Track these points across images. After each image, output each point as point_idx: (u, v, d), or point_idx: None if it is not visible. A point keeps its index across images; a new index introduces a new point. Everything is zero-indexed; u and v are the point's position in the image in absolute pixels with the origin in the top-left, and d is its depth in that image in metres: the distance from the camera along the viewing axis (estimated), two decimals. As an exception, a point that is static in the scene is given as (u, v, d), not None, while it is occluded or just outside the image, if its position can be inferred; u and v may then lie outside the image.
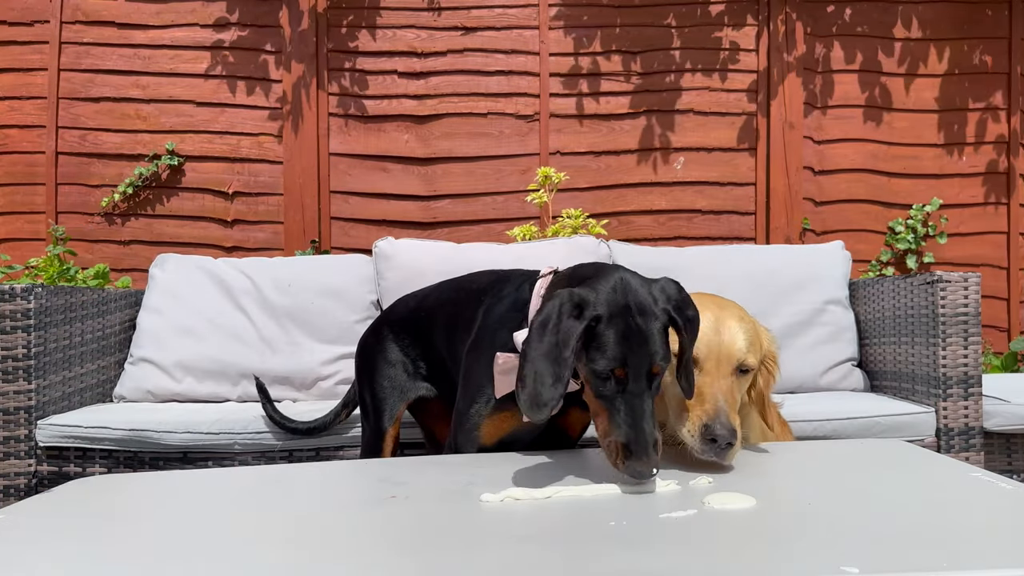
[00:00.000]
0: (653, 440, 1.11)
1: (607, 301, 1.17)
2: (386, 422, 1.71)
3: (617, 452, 1.12)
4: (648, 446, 1.10)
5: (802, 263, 2.76)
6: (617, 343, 1.14)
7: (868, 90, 3.81)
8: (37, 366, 2.16)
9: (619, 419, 1.13)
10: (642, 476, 1.09)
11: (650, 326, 1.16)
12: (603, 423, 1.16)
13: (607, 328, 1.15)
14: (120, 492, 1.28)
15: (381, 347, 1.78)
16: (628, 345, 1.14)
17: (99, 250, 3.75)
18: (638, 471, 1.09)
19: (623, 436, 1.11)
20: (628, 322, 1.15)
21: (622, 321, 1.15)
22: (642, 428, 1.11)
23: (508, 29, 3.82)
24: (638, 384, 1.13)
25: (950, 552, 0.84)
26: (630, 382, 1.13)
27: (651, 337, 1.15)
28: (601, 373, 1.14)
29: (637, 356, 1.13)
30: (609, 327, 1.15)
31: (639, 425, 1.11)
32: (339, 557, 0.89)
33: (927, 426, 2.17)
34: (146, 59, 3.78)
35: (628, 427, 1.12)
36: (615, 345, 1.14)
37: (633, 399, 1.13)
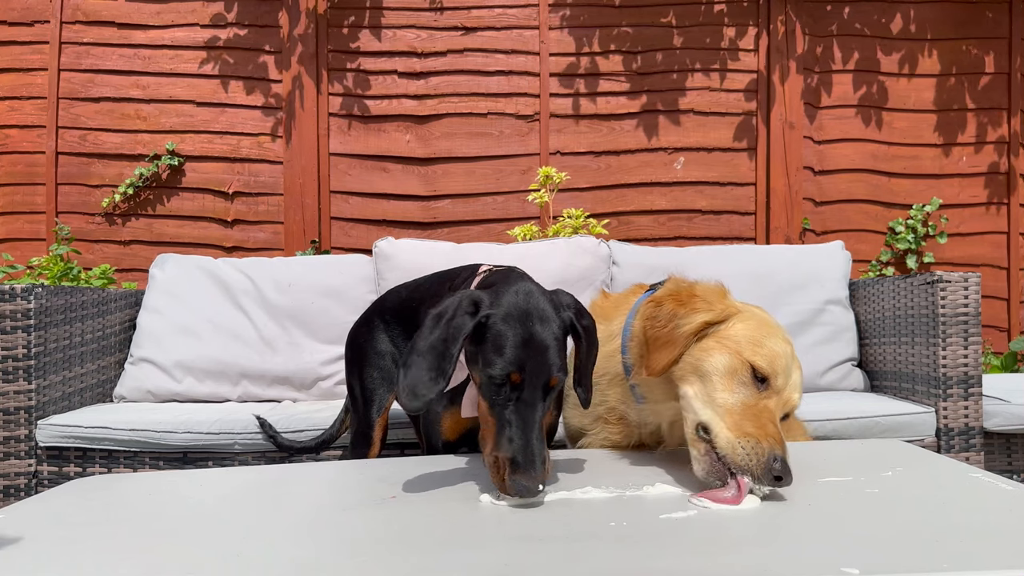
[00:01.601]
0: (542, 456, 1.07)
1: (506, 304, 1.15)
2: (375, 412, 1.72)
3: (502, 467, 1.07)
4: (536, 461, 1.05)
5: (802, 263, 2.76)
6: (515, 347, 1.11)
7: (868, 90, 3.81)
8: (37, 366, 2.16)
9: (509, 432, 1.08)
10: (528, 492, 1.04)
11: (549, 335, 1.13)
12: (491, 435, 1.11)
13: (505, 331, 1.12)
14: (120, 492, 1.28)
15: (371, 337, 1.79)
16: (526, 351, 1.11)
17: (99, 250, 3.75)
18: (524, 486, 1.04)
19: (510, 450, 1.07)
20: (527, 328, 1.12)
21: (521, 326, 1.12)
22: (531, 442, 1.07)
23: (508, 29, 3.82)
24: (533, 393, 1.10)
25: (950, 552, 0.84)
26: (525, 390, 1.09)
27: (550, 347, 1.12)
28: (496, 378, 1.10)
29: (535, 363, 1.10)
30: (507, 330, 1.12)
31: (528, 438, 1.07)
32: (339, 557, 0.89)
33: (927, 426, 2.17)
34: (146, 59, 3.78)
35: (518, 440, 1.07)
36: (512, 348, 1.10)
37: (525, 409, 1.09)
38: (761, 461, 1.04)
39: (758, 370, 1.15)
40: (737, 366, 1.16)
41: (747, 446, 1.06)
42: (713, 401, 1.14)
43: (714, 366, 1.17)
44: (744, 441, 1.07)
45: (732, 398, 1.14)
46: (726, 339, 1.19)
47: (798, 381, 1.20)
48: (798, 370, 1.22)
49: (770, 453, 1.04)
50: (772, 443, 1.06)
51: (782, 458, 1.04)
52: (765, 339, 1.19)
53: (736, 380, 1.15)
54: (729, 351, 1.17)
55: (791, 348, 1.22)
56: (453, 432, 1.47)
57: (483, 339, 1.13)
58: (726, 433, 1.09)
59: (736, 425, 1.10)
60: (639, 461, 1.33)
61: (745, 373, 1.15)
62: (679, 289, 1.30)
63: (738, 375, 1.15)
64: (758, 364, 1.15)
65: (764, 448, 1.05)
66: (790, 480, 1.05)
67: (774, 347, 1.18)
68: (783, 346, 1.20)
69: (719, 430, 1.10)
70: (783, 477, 1.04)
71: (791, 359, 1.20)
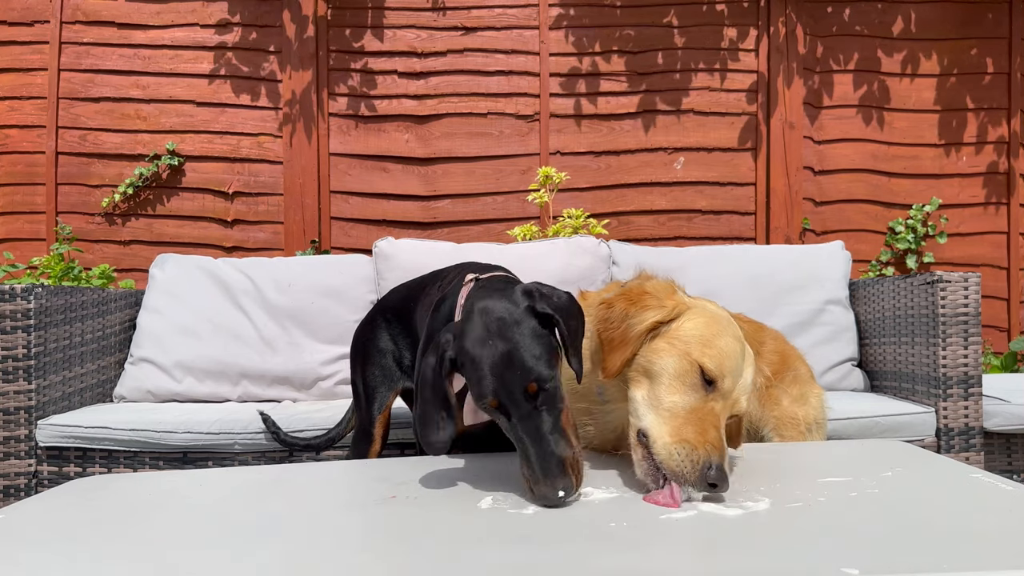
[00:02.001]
0: (557, 460, 1.05)
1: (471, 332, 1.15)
2: (375, 410, 1.73)
3: (528, 478, 1.08)
4: (551, 468, 1.05)
5: (802, 263, 2.76)
6: (484, 375, 1.10)
7: (868, 90, 3.81)
8: (37, 366, 2.16)
9: (522, 446, 1.09)
10: (548, 500, 1.04)
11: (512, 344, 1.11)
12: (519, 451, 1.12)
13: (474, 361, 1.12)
14: (120, 492, 1.28)
15: (374, 336, 1.79)
16: (494, 373, 1.10)
17: (99, 250, 3.75)
18: (545, 496, 1.03)
19: (527, 465, 1.08)
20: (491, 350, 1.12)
21: (485, 351, 1.12)
22: (542, 451, 1.06)
23: (508, 29, 3.82)
24: (519, 408, 1.09)
25: (950, 552, 0.84)
26: (510, 408, 1.09)
27: (516, 356, 1.10)
28: (486, 410, 1.12)
29: (507, 382, 1.09)
30: (474, 362, 1.12)
31: (537, 448, 1.07)
32: (339, 557, 0.89)
33: (927, 426, 2.17)
34: (146, 59, 3.78)
35: (532, 452, 1.07)
36: (482, 378, 1.10)
37: (524, 423, 1.09)
38: (696, 468, 1.04)
39: (706, 372, 1.13)
40: (686, 368, 1.14)
41: (682, 452, 1.06)
42: (660, 405, 1.13)
43: (664, 368, 1.15)
44: (680, 448, 1.06)
45: (679, 401, 1.12)
46: (676, 339, 1.17)
47: (748, 382, 1.18)
48: (750, 368, 1.20)
49: (705, 460, 1.04)
50: (709, 450, 1.06)
51: (718, 465, 1.04)
52: (715, 338, 1.17)
53: (685, 383, 1.13)
54: (679, 352, 1.15)
55: (742, 346, 1.20)
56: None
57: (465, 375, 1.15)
58: (664, 439, 1.09)
59: (676, 431, 1.09)
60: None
61: (694, 375, 1.13)
62: (630, 288, 1.29)
63: (687, 378, 1.14)
64: (706, 366, 1.13)
65: (700, 455, 1.05)
66: (725, 487, 1.04)
67: (724, 346, 1.16)
68: (733, 345, 1.17)
69: (657, 436, 1.10)
70: (718, 484, 1.03)
71: (741, 359, 1.17)
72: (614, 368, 1.19)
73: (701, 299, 1.29)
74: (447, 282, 1.60)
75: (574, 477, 1.06)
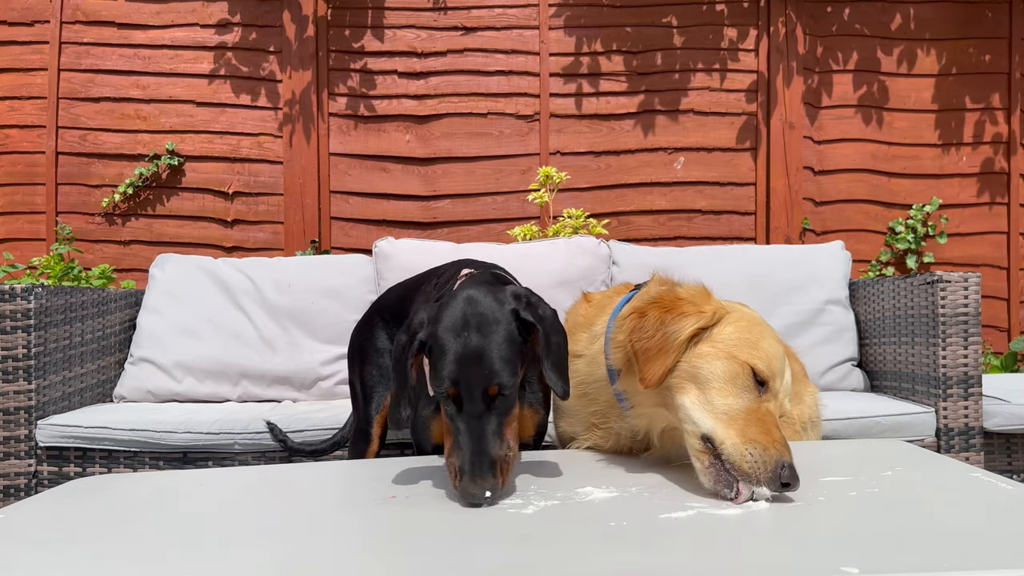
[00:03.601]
0: (490, 461, 1.08)
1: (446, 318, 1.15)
2: (373, 410, 1.74)
3: (455, 474, 1.09)
4: (483, 467, 1.07)
5: (802, 263, 2.76)
6: (450, 363, 1.11)
7: (868, 90, 3.81)
8: (37, 366, 2.16)
9: (459, 440, 1.11)
10: (474, 498, 1.05)
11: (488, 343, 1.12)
12: (448, 443, 1.14)
13: (442, 346, 1.13)
14: (120, 492, 1.28)
15: (371, 336, 1.80)
16: (461, 366, 1.11)
17: (99, 250, 3.75)
18: (470, 492, 1.05)
19: (458, 458, 1.09)
20: (463, 340, 1.12)
21: (456, 339, 1.12)
22: (478, 449, 1.08)
23: (508, 29, 3.82)
24: (474, 404, 1.10)
25: (950, 552, 0.84)
26: (465, 402, 1.10)
27: (487, 356, 1.11)
28: (440, 393, 1.13)
29: (471, 376, 1.10)
30: (444, 346, 1.12)
31: (475, 446, 1.08)
32: (339, 557, 0.89)
33: (927, 426, 2.17)
34: (146, 59, 3.78)
35: (465, 448, 1.09)
36: (447, 366, 1.11)
37: (470, 420, 1.10)
38: (769, 468, 1.04)
39: (758, 373, 1.13)
40: (737, 371, 1.13)
41: (755, 453, 1.05)
42: (715, 409, 1.11)
43: (713, 372, 1.14)
44: (752, 448, 1.05)
45: (735, 404, 1.11)
46: (720, 343, 1.17)
47: (789, 383, 1.19)
48: (788, 370, 1.21)
49: (778, 460, 1.04)
50: (780, 449, 1.06)
51: (789, 464, 1.04)
52: (760, 340, 1.17)
53: (737, 385, 1.13)
54: (726, 355, 1.15)
55: (782, 347, 1.21)
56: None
57: (430, 357, 1.16)
58: (733, 440, 1.07)
59: (742, 432, 1.08)
60: (639, 462, 1.33)
61: (747, 378, 1.13)
62: (661, 296, 1.27)
63: (739, 380, 1.13)
64: (758, 367, 1.13)
65: (772, 455, 1.05)
66: (797, 485, 1.04)
67: (769, 348, 1.17)
68: (777, 346, 1.18)
69: (725, 438, 1.08)
70: (791, 483, 1.03)
71: (784, 359, 1.19)
72: (654, 378, 1.17)
73: (735, 302, 1.30)
74: (444, 280, 1.60)
75: (501, 479, 1.08)
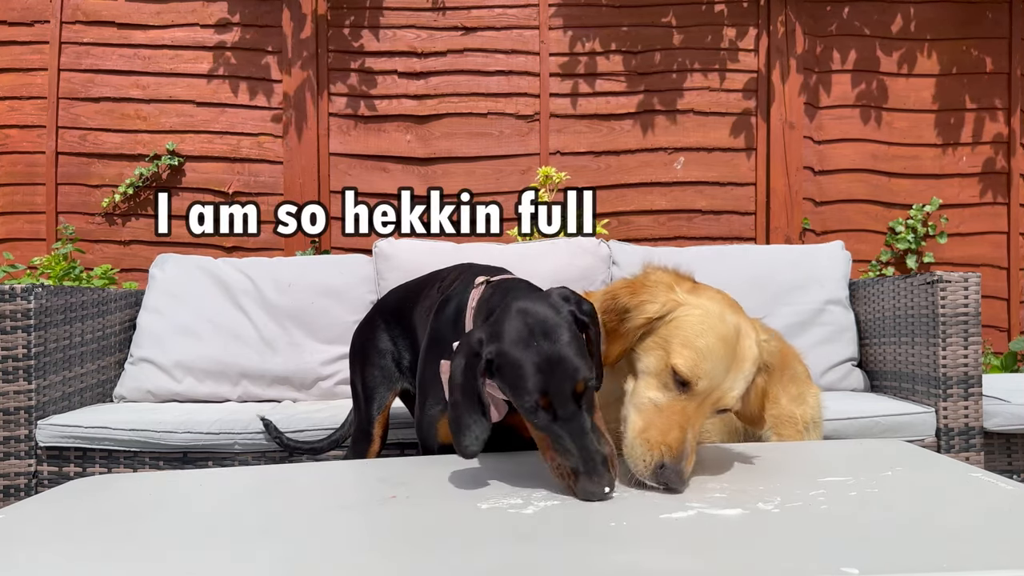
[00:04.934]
0: (601, 458, 1.08)
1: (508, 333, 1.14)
2: (374, 410, 1.73)
3: (568, 475, 1.09)
4: (597, 465, 1.07)
5: (802, 263, 2.76)
6: (532, 375, 1.10)
7: (868, 90, 3.81)
8: (37, 366, 2.16)
9: (563, 444, 1.10)
10: (595, 497, 1.06)
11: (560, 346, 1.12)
12: (547, 450, 1.14)
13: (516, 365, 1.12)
14: (120, 492, 1.28)
15: (373, 336, 1.80)
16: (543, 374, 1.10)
17: (99, 250, 3.75)
18: (591, 492, 1.06)
19: (571, 461, 1.09)
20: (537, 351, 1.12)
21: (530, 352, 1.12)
22: (586, 448, 1.08)
23: (508, 29, 3.82)
24: (566, 408, 1.10)
25: (950, 552, 0.84)
26: (558, 408, 1.10)
27: (565, 357, 1.11)
28: (528, 408, 1.11)
29: (557, 381, 1.10)
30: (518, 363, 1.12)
31: (582, 446, 1.08)
32: (339, 557, 0.89)
33: (927, 426, 2.17)
34: (146, 59, 3.78)
35: (574, 450, 1.08)
36: (530, 378, 1.10)
37: (567, 423, 1.10)
38: (648, 466, 1.11)
39: (678, 373, 1.16)
40: (661, 367, 1.18)
41: (640, 450, 1.13)
42: (636, 401, 1.19)
43: (645, 365, 1.20)
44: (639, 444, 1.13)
45: (653, 399, 1.17)
46: (662, 337, 1.20)
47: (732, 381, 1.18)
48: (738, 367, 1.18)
49: (658, 460, 1.10)
50: (664, 451, 1.11)
51: (671, 466, 1.10)
52: (697, 338, 1.17)
53: (660, 381, 1.18)
54: (659, 351, 1.19)
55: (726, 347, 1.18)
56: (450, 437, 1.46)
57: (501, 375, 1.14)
58: (631, 434, 1.16)
59: (642, 429, 1.15)
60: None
61: (667, 375, 1.17)
62: (634, 280, 1.31)
63: (661, 376, 1.18)
64: (678, 367, 1.16)
65: (654, 455, 1.11)
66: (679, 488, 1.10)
67: (703, 347, 1.16)
68: (715, 346, 1.17)
69: (627, 430, 1.17)
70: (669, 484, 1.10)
71: (721, 359, 1.17)
72: (611, 358, 1.24)
73: (709, 291, 1.29)
74: (448, 283, 1.59)
75: (614, 472, 1.10)
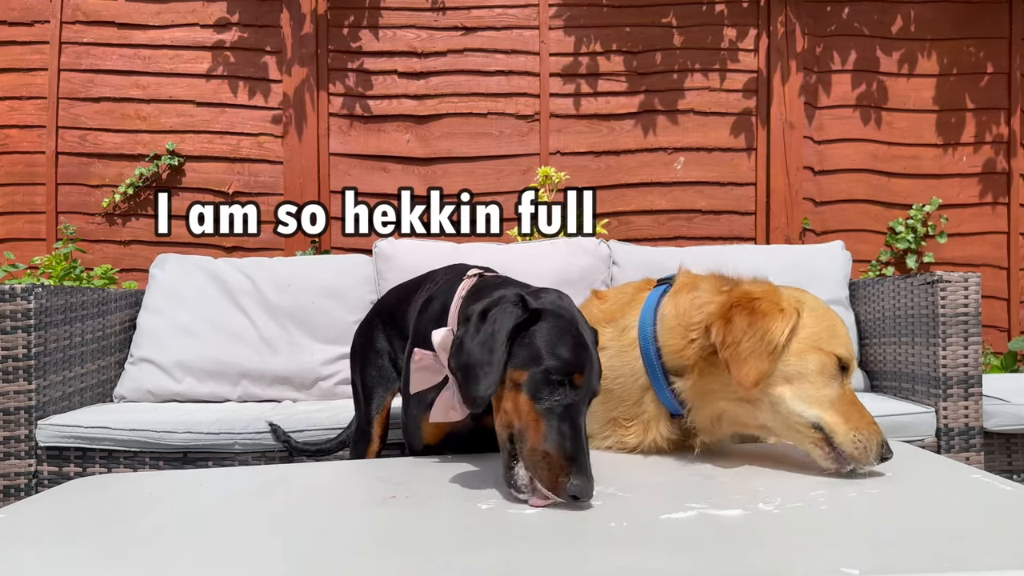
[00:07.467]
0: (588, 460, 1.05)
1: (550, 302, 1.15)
2: (373, 410, 1.74)
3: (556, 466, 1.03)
4: (586, 466, 1.04)
5: (802, 263, 2.76)
6: (573, 348, 1.09)
7: (868, 90, 3.81)
8: (37, 366, 2.16)
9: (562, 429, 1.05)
10: (584, 495, 1.02)
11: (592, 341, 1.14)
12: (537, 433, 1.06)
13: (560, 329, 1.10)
14: (120, 492, 1.28)
15: (371, 337, 1.80)
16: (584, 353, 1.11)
17: (99, 250, 3.75)
18: (581, 488, 1.01)
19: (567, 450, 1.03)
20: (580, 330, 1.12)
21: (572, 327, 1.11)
22: (582, 447, 1.05)
23: (508, 29, 3.82)
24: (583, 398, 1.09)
25: (950, 552, 0.84)
26: (580, 392, 1.08)
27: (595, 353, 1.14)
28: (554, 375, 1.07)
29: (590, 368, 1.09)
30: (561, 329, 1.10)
31: (581, 442, 1.05)
32: (339, 557, 0.89)
33: (927, 426, 2.16)
34: (146, 59, 3.78)
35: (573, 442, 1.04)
36: (572, 349, 1.09)
37: (576, 413, 1.08)
38: (872, 451, 1.17)
39: (842, 360, 1.23)
40: (825, 361, 1.23)
41: (861, 439, 1.17)
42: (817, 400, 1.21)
43: (807, 368, 1.23)
44: (857, 435, 1.17)
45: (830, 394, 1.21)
46: (805, 338, 1.25)
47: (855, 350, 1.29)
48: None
49: (879, 440, 1.17)
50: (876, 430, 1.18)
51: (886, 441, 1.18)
52: (836, 326, 1.27)
53: (826, 375, 1.22)
54: (815, 349, 1.24)
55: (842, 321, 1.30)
56: (434, 436, 1.46)
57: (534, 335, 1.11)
58: (843, 428, 1.18)
59: (846, 419, 1.19)
60: (638, 461, 1.33)
61: (833, 367, 1.23)
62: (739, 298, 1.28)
63: (827, 370, 1.22)
64: (842, 355, 1.23)
65: (873, 440, 1.17)
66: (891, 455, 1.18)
67: (843, 332, 1.27)
68: (845, 328, 1.28)
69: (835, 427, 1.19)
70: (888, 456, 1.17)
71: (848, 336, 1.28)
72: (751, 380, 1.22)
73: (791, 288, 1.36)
74: (435, 284, 1.60)
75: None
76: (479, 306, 1.15)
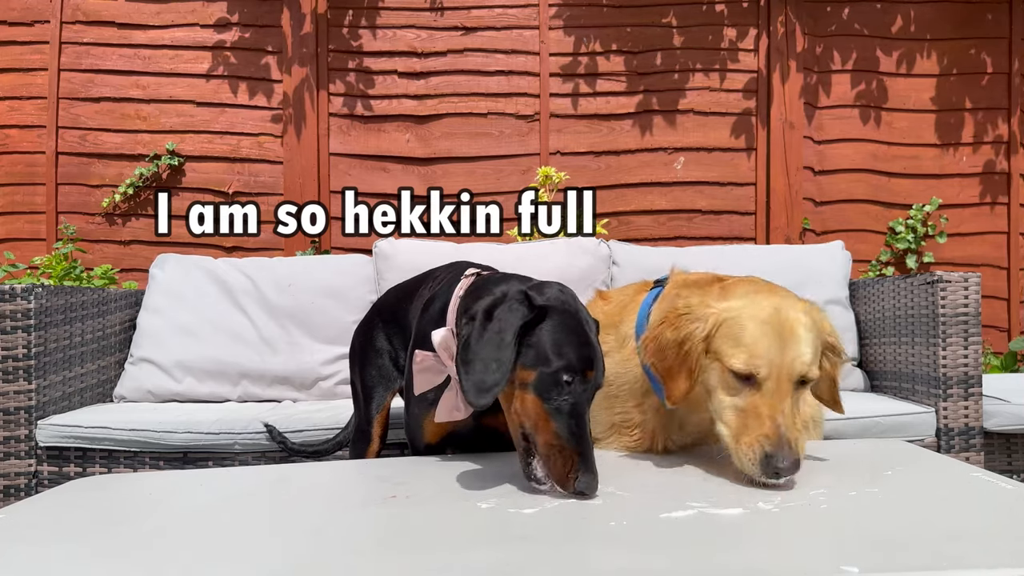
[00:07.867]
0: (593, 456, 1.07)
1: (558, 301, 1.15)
2: (373, 410, 1.74)
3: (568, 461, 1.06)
4: (592, 463, 1.06)
5: (802, 263, 2.76)
6: (579, 347, 1.10)
7: (868, 90, 3.81)
8: (37, 366, 2.16)
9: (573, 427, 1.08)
10: (591, 490, 1.05)
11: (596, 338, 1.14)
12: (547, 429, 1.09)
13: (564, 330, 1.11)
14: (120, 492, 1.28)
15: (371, 336, 1.80)
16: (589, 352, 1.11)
17: (99, 250, 3.75)
18: (589, 484, 1.05)
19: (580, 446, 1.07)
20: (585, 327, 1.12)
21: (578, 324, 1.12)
22: (588, 444, 1.08)
23: (508, 29, 3.82)
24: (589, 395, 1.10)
25: (950, 552, 0.84)
26: (588, 389, 1.09)
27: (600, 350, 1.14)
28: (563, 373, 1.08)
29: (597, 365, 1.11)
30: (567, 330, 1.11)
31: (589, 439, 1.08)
32: (340, 557, 0.89)
33: (927, 426, 2.17)
34: (146, 59, 3.78)
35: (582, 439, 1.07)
36: (578, 348, 1.10)
37: (584, 411, 1.09)
38: (755, 463, 1.11)
39: (736, 372, 1.17)
40: (723, 376, 1.19)
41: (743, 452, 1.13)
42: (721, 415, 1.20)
43: (710, 382, 1.21)
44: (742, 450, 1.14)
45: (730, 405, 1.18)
46: (713, 350, 1.21)
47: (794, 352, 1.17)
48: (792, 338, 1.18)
49: (759, 453, 1.11)
50: (763, 441, 1.11)
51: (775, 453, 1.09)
52: (742, 333, 1.18)
53: (728, 389, 1.19)
54: (715, 363, 1.21)
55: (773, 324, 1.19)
56: (435, 436, 1.46)
57: (541, 335, 1.12)
58: (730, 445, 1.17)
59: (735, 436, 1.16)
60: (638, 461, 1.33)
61: (730, 379, 1.18)
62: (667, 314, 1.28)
63: (728, 384, 1.19)
64: (734, 368, 1.17)
65: (755, 450, 1.11)
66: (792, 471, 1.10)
67: (749, 340, 1.17)
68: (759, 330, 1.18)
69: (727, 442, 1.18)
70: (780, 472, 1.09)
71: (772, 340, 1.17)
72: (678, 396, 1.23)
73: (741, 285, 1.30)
74: (437, 282, 1.60)
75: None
76: (483, 304, 1.16)
